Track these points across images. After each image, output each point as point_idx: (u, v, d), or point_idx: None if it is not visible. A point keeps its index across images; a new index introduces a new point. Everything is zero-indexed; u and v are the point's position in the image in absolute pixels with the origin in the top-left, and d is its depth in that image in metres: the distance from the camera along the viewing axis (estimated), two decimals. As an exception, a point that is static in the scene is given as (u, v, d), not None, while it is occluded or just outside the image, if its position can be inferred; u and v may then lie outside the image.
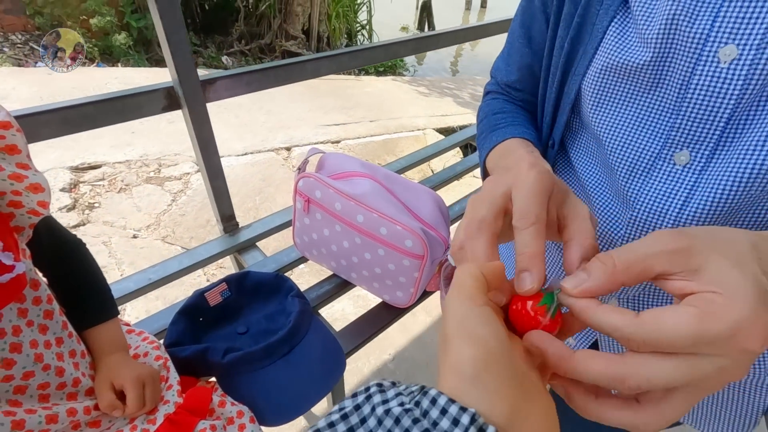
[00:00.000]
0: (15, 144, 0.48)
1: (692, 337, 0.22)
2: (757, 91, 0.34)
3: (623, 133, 0.42)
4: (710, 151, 0.37)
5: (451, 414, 0.19)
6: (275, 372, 0.70)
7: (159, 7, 0.65)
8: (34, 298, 0.51)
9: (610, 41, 0.41)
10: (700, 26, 0.35)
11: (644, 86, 0.40)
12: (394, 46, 1.13)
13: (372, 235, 0.77)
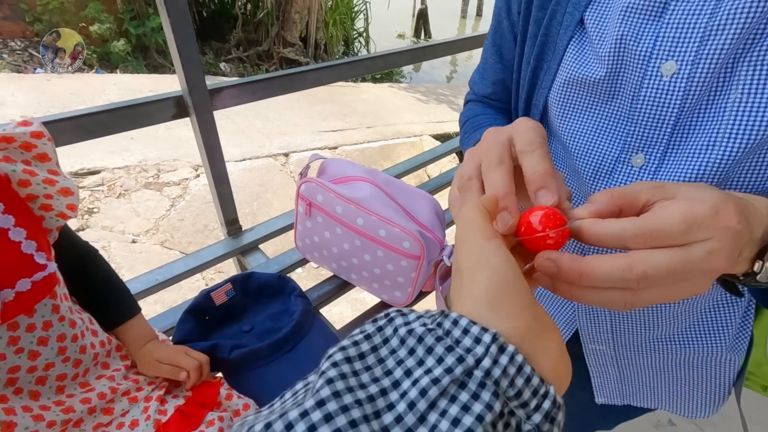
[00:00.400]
0: (46, 152, 0.52)
1: (685, 222, 0.25)
2: (697, 100, 0.39)
3: (586, 140, 0.47)
4: (662, 154, 0.42)
5: (473, 333, 0.21)
6: (279, 368, 0.73)
7: (171, 21, 0.69)
8: (63, 295, 0.54)
9: (569, 58, 0.46)
10: (644, 45, 0.40)
11: (602, 98, 0.45)
12: (393, 56, 1.18)
13: (371, 237, 0.80)
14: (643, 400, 0.64)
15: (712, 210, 0.26)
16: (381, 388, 0.20)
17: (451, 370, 0.19)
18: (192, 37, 0.73)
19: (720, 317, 0.52)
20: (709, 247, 0.26)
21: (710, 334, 0.53)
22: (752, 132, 0.37)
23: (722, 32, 0.36)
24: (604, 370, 0.61)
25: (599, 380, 0.63)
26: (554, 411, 0.21)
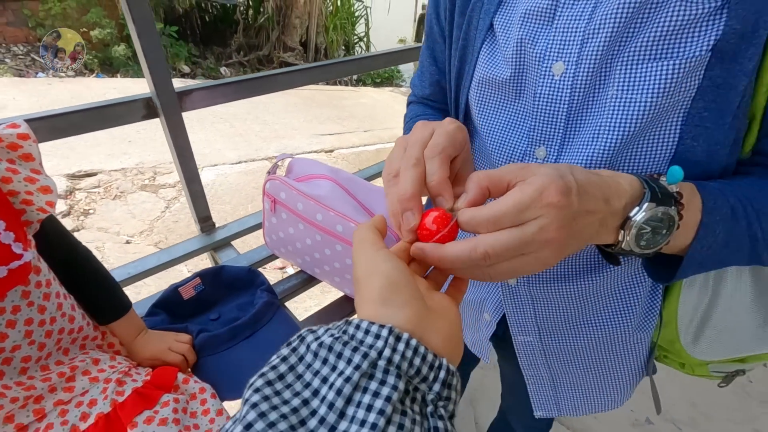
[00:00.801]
0: (30, 152, 0.58)
1: (515, 206, 0.29)
2: (583, 97, 0.43)
3: (499, 135, 0.51)
4: (559, 146, 0.46)
5: (373, 331, 0.25)
6: (238, 352, 0.77)
7: (137, 28, 0.74)
8: (36, 282, 0.59)
9: (482, 60, 0.50)
10: (539, 47, 0.44)
11: (511, 96, 0.49)
12: (367, 59, 1.22)
13: (330, 233, 0.84)
14: (573, 405, 0.67)
15: (536, 192, 0.29)
16: (303, 399, 0.22)
17: (360, 366, 0.23)
18: (157, 43, 0.78)
19: (627, 298, 0.55)
20: (540, 223, 0.30)
21: (619, 314, 0.56)
22: (628, 124, 0.41)
23: (597, 35, 0.40)
24: (537, 372, 0.65)
25: (534, 386, 0.67)
26: (449, 378, 0.25)
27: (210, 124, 4.19)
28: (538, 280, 0.56)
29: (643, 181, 0.35)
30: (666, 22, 0.38)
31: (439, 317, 0.29)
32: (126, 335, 0.74)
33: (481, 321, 0.67)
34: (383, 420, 0.21)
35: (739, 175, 0.44)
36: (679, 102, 0.40)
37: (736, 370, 0.62)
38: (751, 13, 0.35)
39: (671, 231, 0.35)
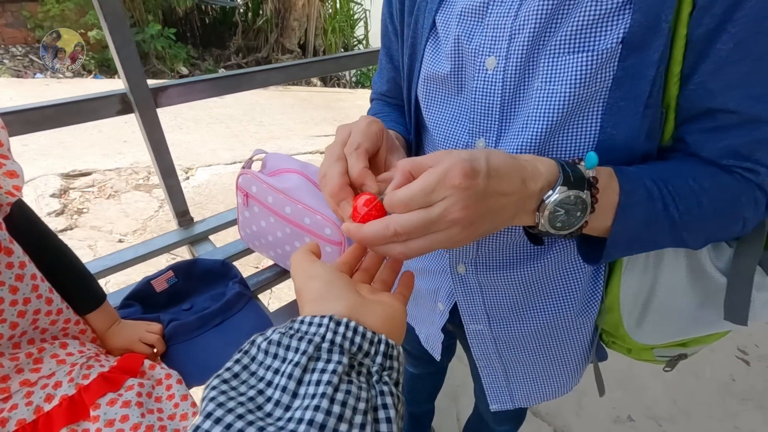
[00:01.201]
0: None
1: (422, 190, 0.32)
2: (514, 90, 0.45)
3: (444, 128, 0.53)
4: (496, 138, 0.48)
5: (315, 322, 0.28)
6: (206, 340, 0.79)
7: (108, 25, 0.76)
8: (7, 263, 0.61)
9: (427, 57, 0.53)
10: (474, 43, 0.46)
11: (453, 91, 0.51)
12: (344, 59, 1.24)
13: (298, 225, 0.86)
14: (526, 395, 0.69)
15: (441, 175, 0.32)
16: (258, 390, 0.25)
17: (306, 351, 0.26)
18: (130, 40, 0.80)
19: (568, 283, 0.57)
20: (445, 204, 0.32)
21: (561, 299, 0.58)
22: (552, 114, 0.43)
23: (523, 30, 0.43)
24: (490, 362, 0.67)
25: (488, 379, 0.69)
26: (389, 350, 0.29)
27: (206, 124, 4.22)
28: (484, 268, 0.58)
29: (560, 166, 0.37)
30: (581, 17, 0.40)
31: (374, 303, 0.32)
32: (99, 326, 0.77)
33: (436, 311, 0.69)
34: (331, 388, 0.24)
35: (659, 160, 0.46)
36: (598, 92, 0.42)
37: (679, 354, 0.63)
38: (653, 7, 0.37)
39: (585, 213, 0.37)
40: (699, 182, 0.41)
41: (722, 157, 0.42)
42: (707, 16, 0.37)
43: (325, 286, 0.32)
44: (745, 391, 1.71)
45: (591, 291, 0.58)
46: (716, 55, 0.38)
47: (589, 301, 0.59)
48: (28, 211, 0.69)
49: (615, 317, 0.59)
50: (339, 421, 0.23)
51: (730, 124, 0.40)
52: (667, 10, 0.37)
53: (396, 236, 0.33)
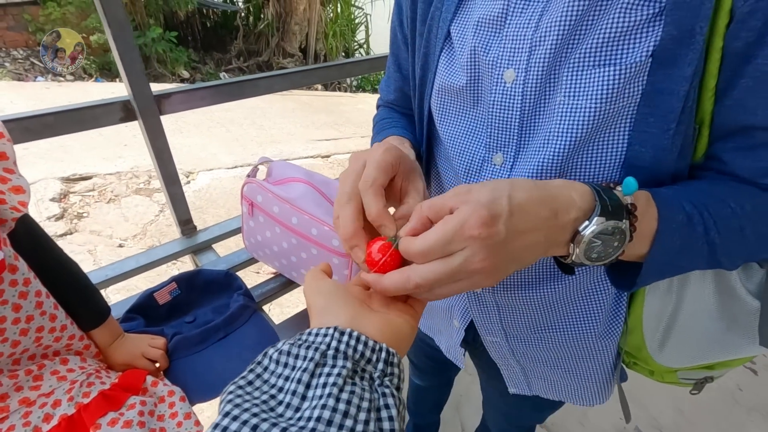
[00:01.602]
0: (4, 151, 0.58)
1: (438, 242, 0.31)
2: (534, 103, 0.43)
3: (459, 142, 0.51)
4: (515, 152, 0.46)
5: (321, 333, 0.30)
6: (209, 355, 0.77)
7: (112, 32, 0.74)
8: (11, 281, 0.59)
9: (441, 68, 0.50)
10: (491, 55, 0.44)
11: (468, 103, 0.49)
12: (348, 65, 1.23)
13: (305, 236, 0.84)
14: (546, 391, 0.67)
15: (458, 225, 0.30)
16: (270, 395, 0.27)
17: (314, 359, 0.28)
18: (133, 46, 0.79)
19: (591, 306, 0.55)
20: (464, 255, 0.31)
21: (583, 321, 0.56)
22: (575, 130, 0.41)
23: (544, 42, 0.41)
24: (507, 362, 0.65)
25: (506, 372, 0.67)
26: (390, 358, 0.31)
27: (206, 128, 4.21)
28: (502, 288, 0.55)
29: (596, 193, 0.35)
30: (607, 30, 0.38)
31: (370, 316, 0.34)
32: (103, 341, 0.74)
33: (451, 327, 0.67)
34: (336, 389, 0.26)
35: (692, 180, 0.44)
36: (625, 108, 0.40)
37: (705, 377, 0.61)
38: (687, 18, 0.35)
39: (623, 243, 0.35)
40: (740, 204, 0.39)
41: (762, 177, 0.40)
42: (745, 29, 0.35)
43: (327, 301, 0.34)
44: (752, 401, 1.69)
45: (614, 313, 0.56)
46: (756, 71, 0.36)
47: (611, 323, 0.57)
48: (33, 226, 0.67)
49: (637, 338, 0.57)
50: (344, 417, 0.25)
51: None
52: (701, 22, 0.35)
53: (417, 288, 0.33)
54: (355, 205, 0.38)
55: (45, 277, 0.66)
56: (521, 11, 0.42)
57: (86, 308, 0.73)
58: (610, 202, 0.34)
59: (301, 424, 0.24)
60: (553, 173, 0.43)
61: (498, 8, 0.44)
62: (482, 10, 0.45)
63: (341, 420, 0.25)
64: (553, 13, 0.40)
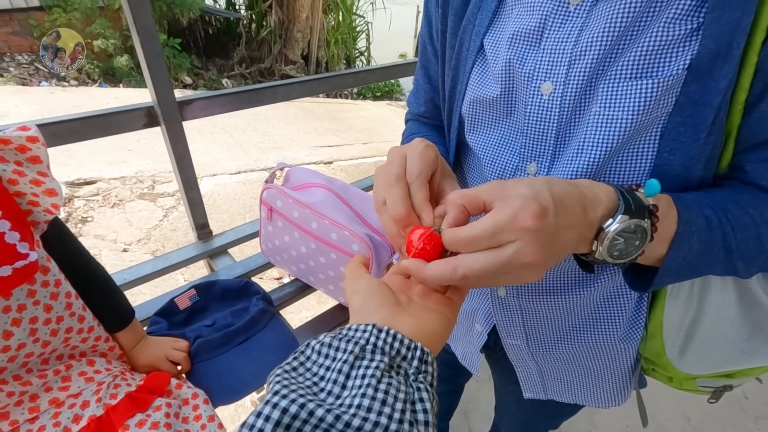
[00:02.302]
0: (38, 155, 0.59)
1: (491, 228, 0.31)
2: (569, 115, 0.44)
3: (492, 152, 0.52)
4: (549, 162, 0.47)
5: (360, 329, 0.31)
6: (230, 357, 0.78)
7: (140, 39, 0.76)
8: (43, 282, 0.60)
9: (474, 79, 0.52)
10: (527, 68, 0.46)
11: (501, 114, 0.50)
12: (363, 73, 1.25)
13: (325, 241, 0.86)
14: (562, 394, 0.68)
15: (511, 216, 0.31)
16: (312, 381, 0.29)
17: (353, 352, 0.30)
18: (159, 54, 0.80)
19: (612, 310, 0.56)
20: (516, 246, 0.31)
21: (604, 325, 0.57)
22: (610, 140, 0.42)
23: (585, 57, 0.42)
24: (525, 365, 0.66)
25: (523, 374, 0.67)
26: (424, 355, 0.32)
27: (210, 134, 4.22)
28: (527, 293, 0.56)
29: (619, 193, 0.36)
30: (647, 44, 0.40)
31: (405, 316, 0.35)
32: (127, 343, 0.75)
33: (473, 332, 0.68)
34: (375, 380, 0.28)
35: (714, 187, 0.45)
36: (658, 118, 0.41)
37: (724, 386, 0.62)
38: (726, 33, 0.37)
39: (644, 242, 0.36)
40: (759, 211, 0.40)
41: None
42: None
43: (365, 300, 0.36)
44: (758, 409, 1.70)
45: (635, 317, 0.57)
46: None
47: (632, 327, 0.58)
48: (62, 228, 0.68)
49: (657, 345, 0.58)
50: (383, 404, 0.26)
51: None
52: (739, 37, 0.36)
53: (464, 280, 0.33)
54: (404, 187, 0.39)
55: (73, 279, 0.67)
56: (560, 26, 0.44)
57: (112, 311, 0.73)
58: (634, 201, 0.35)
59: (343, 409, 0.26)
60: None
61: (535, 22, 0.45)
62: (517, 24, 0.47)
63: (380, 407, 0.26)
64: (595, 28, 0.41)
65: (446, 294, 0.38)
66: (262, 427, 0.24)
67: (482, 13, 0.50)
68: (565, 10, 0.43)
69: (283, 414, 0.25)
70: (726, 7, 0.36)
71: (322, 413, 0.25)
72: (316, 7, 6.67)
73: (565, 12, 0.43)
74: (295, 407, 0.25)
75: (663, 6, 0.39)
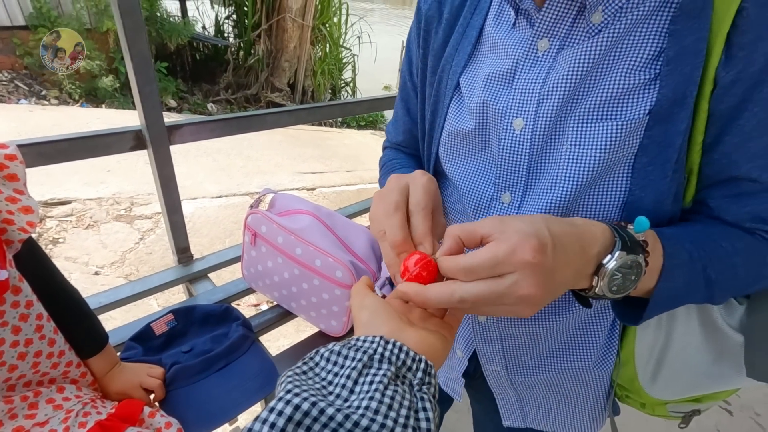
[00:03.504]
0: (16, 173, 0.59)
1: (489, 260, 0.33)
2: (541, 149, 0.48)
3: (468, 182, 0.55)
4: (522, 192, 0.51)
5: (368, 340, 0.33)
6: (209, 384, 0.76)
7: (134, 65, 0.78)
8: (13, 302, 0.58)
9: (451, 114, 0.56)
10: (501, 105, 0.50)
11: (477, 147, 0.54)
12: (350, 105, 1.29)
13: (308, 267, 0.86)
14: (540, 422, 0.69)
15: (510, 249, 0.33)
16: (322, 385, 0.31)
17: (362, 360, 0.31)
18: (153, 79, 0.82)
19: (586, 336, 0.59)
20: (514, 278, 0.33)
21: (579, 351, 0.59)
22: (581, 175, 0.46)
23: (552, 96, 0.46)
24: (504, 392, 0.67)
25: (502, 402, 0.68)
26: (428, 368, 0.33)
27: (193, 157, 4.20)
28: (506, 318, 0.58)
29: (614, 230, 0.39)
30: (609, 89, 0.44)
31: (408, 332, 0.37)
32: (99, 369, 0.73)
33: (454, 358, 0.69)
34: (382, 386, 0.30)
35: (686, 222, 0.49)
36: (625, 157, 0.45)
37: (693, 410, 0.64)
38: (680, 84, 0.41)
39: (639, 277, 0.39)
40: (731, 243, 0.44)
41: (746, 221, 0.45)
42: (728, 95, 0.41)
43: (371, 315, 0.38)
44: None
45: (608, 344, 0.60)
46: (740, 130, 0.42)
47: (605, 353, 0.60)
48: (37, 249, 0.67)
49: (630, 371, 0.60)
50: (389, 409, 0.28)
51: (753, 191, 0.44)
52: (691, 87, 0.41)
53: (461, 303, 0.35)
54: (402, 215, 0.42)
55: (46, 301, 0.65)
56: (529, 69, 0.48)
57: (85, 335, 0.72)
58: (628, 238, 0.38)
59: (351, 410, 0.28)
60: (560, 213, 0.48)
61: (508, 65, 0.50)
62: (492, 66, 0.51)
63: (386, 411, 0.28)
64: (560, 71, 0.46)
65: (444, 318, 0.41)
66: (275, 421, 0.26)
67: (459, 54, 0.55)
68: (534, 55, 0.48)
69: (295, 410, 0.26)
70: (679, 62, 0.41)
71: (333, 412, 0.27)
72: (304, 38, 6.84)
73: (534, 57, 0.48)
74: (307, 404, 0.26)
75: (620, 56, 0.44)
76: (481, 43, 0.54)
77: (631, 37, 0.43)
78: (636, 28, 0.43)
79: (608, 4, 0.43)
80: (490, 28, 0.53)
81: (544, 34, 0.47)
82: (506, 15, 0.51)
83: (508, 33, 0.50)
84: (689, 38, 0.41)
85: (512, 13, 0.50)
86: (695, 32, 0.40)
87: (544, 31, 0.47)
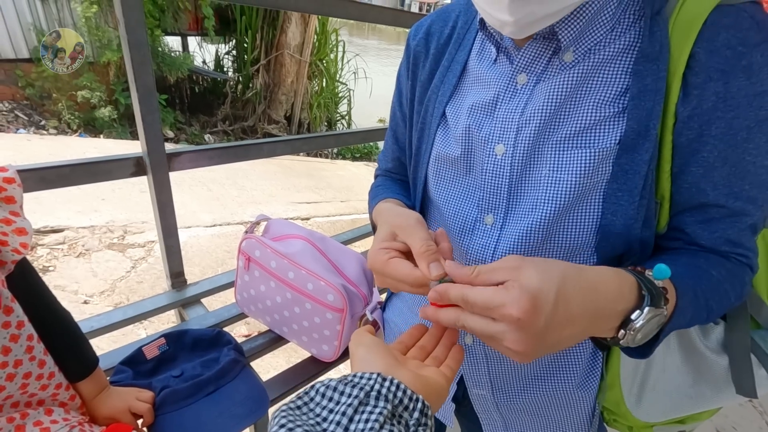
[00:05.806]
0: (13, 195, 0.61)
1: (484, 302, 0.37)
2: (520, 173, 0.52)
3: (453, 205, 0.59)
4: (504, 215, 0.54)
5: (365, 377, 0.34)
6: (198, 409, 0.75)
7: (139, 96, 0.82)
8: (4, 323, 0.59)
9: (438, 141, 0.60)
10: (483, 132, 0.54)
11: (462, 171, 0.58)
12: (345, 135, 1.34)
13: (300, 290, 0.88)
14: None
15: (502, 301, 0.36)
16: (316, 421, 0.31)
17: (358, 396, 0.32)
18: (156, 109, 0.86)
19: (569, 358, 0.60)
20: (501, 328, 0.37)
21: (563, 373, 0.61)
22: (558, 199, 0.49)
23: (529, 124, 0.51)
24: (490, 417, 0.67)
25: (488, 427, 0.69)
26: (425, 408, 0.34)
27: (188, 186, 4.23)
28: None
29: (640, 283, 0.41)
30: (582, 120, 0.48)
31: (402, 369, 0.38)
32: (88, 393, 0.73)
33: None
34: (378, 424, 0.30)
35: (666, 250, 0.52)
36: (598, 183, 0.49)
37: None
38: (644, 117, 0.46)
39: (661, 324, 0.42)
40: (718, 271, 0.47)
41: (719, 245, 0.48)
42: (687, 128, 0.45)
43: (368, 351, 0.40)
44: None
45: (590, 366, 0.61)
46: (704, 161, 0.46)
47: (588, 375, 0.62)
48: (30, 270, 0.68)
49: (616, 394, 0.61)
50: None
51: (721, 217, 0.48)
52: (654, 120, 0.45)
53: (464, 329, 0.40)
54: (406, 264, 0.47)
55: (37, 323, 0.66)
56: (509, 100, 0.53)
57: (75, 358, 0.72)
58: (654, 291, 0.41)
59: None
60: (540, 234, 0.51)
61: (490, 96, 0.54)
62: (475, 97, 0.56)
63: None
64: (536, 102, 0.50)
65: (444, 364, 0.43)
66: None
67: (444, 86, 0.60)
68: (513, 87, 0.53)
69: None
70: (642, 98, 0.46)
71: None
72: (301, 73, 7.06)
73: (513, 89, 0.53)
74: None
75: (591, 90, 0.48)
76: (465, 76, 0.59)
77: (600, 74, 0.48)
78: (604, 66, 0.48)
79: (578, 46, 0.48)
80: (474, 62, 0.58)
81: (523, 70, 0.52)
82: (488, 51, 0.56)
83: (490, 67, 0.55)
84: (650, 78, 0.45)
85: (493, 50, 0.55)
86: (654, 73, 0.45)
87: (523, 68, 0.52)
